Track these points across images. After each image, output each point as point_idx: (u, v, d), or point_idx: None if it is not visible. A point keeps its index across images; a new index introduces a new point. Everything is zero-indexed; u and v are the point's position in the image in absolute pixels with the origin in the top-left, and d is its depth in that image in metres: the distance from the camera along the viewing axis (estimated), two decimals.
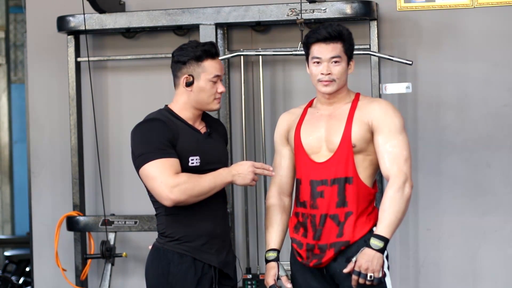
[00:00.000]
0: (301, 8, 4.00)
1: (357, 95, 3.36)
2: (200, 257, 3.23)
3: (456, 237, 4.30)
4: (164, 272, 3.20)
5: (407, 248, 4.33)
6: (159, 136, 3.17)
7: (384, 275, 3.18)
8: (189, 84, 3.25)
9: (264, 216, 4.30)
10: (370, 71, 4.14)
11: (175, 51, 3.31)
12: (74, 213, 4.43)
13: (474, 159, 4.27)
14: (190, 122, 3.29)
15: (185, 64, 3.25)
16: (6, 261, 7.50)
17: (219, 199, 3.32)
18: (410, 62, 4.04)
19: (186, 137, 3.22)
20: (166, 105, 3.32)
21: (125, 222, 4.35)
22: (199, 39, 4.21)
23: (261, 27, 4.41)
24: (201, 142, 3.27)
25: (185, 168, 3.20)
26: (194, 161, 3.21)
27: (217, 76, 3.26)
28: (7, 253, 7.59)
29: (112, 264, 4.33)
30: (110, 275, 4.32)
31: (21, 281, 7.10)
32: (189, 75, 3.24)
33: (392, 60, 4.07)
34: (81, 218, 4.40)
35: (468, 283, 4.30)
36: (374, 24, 4.19)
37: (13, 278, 7.08)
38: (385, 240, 3.15)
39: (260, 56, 4.32)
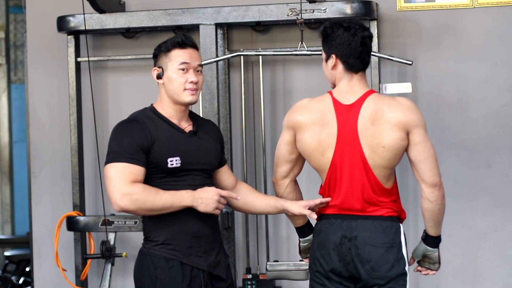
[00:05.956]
0: (301, 8, 4.00)
1: None
2: (187, 260, 3.14)
3: (456, 237, 4.30)
4: (151, 278, 3.11)
5: (407, 248, 4.32)
6: (131, 139, 3.10)
7: None
8: (159, 76, 3.21)
9: (264, 216, 4.32)
10: (370, 71, 4.13)
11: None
12: (74, 213, 4.43)
13: (474, 159, 4.27)
14: (174, 121, 3.20)
15: (156, 58, 3.23)
16: (6, 261, 7.51)
17: None
18: (410, 62, 4.05)
19: (165, 138, 3.14)
20: (152, 104, 3.27)
21: (125, 222, 4.35)
22: (199, 39, 4.22)
23: (261, 27, 4.41)
24: (183, 142, 3.17)
25: (165, 169, 3.13)
26: (174, 162, 3.12)
27: (185, 63, 3.16)
28: (7, 253, 7.59)
29: (112, 264, 4.33)
30: (110, 275, 4.32)
31: (21, 281, 7.10)
32: (158, 67, 3.21)
33: (392, 60, 4.07)
34: (81, 218, 4.40)
35: (468, 283, 4.30)
36: (374, 24, 4.18)
37: (13, 278, 7.08)
38: None
39: (260, 56, 4.32)
